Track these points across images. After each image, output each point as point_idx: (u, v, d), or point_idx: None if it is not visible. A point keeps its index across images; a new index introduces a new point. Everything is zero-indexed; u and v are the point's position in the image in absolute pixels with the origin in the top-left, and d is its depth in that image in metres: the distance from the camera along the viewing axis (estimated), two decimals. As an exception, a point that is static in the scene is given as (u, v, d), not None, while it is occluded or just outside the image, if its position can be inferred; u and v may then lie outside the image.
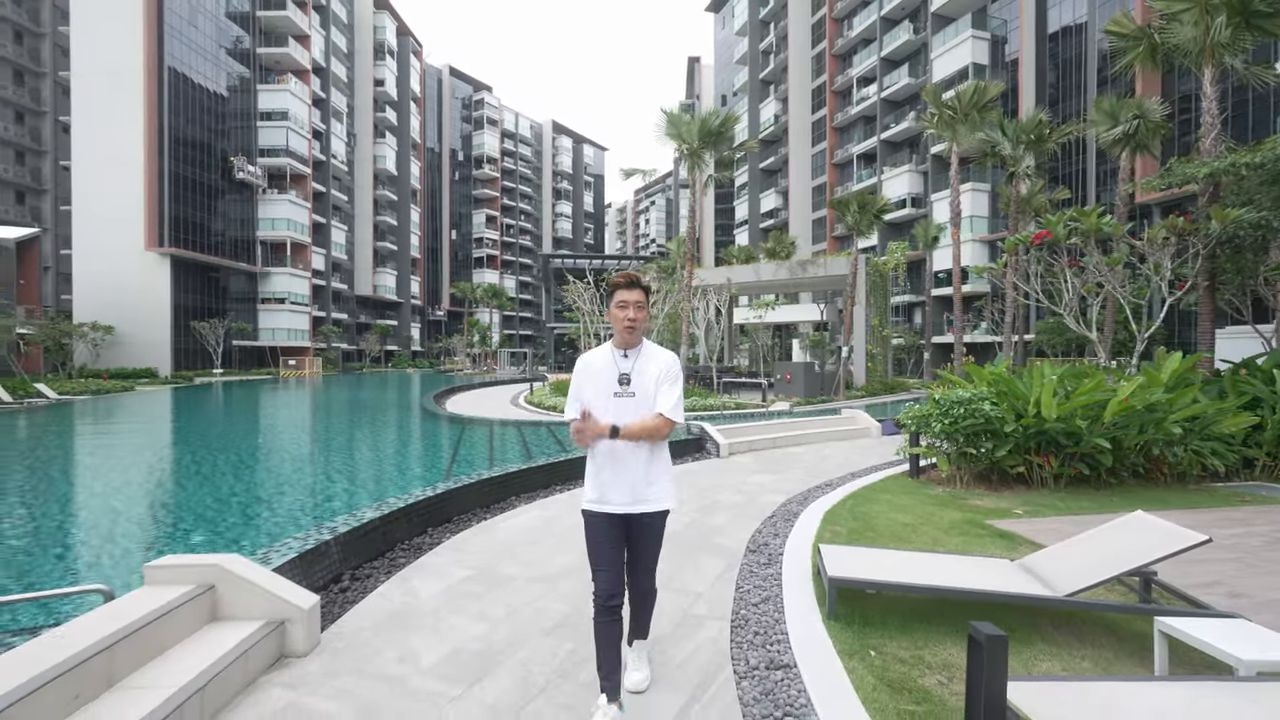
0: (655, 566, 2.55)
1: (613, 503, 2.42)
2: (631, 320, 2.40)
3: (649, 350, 2.49)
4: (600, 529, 2.45)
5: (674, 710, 2.50)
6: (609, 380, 2.43)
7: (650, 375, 2.42)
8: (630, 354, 2.46)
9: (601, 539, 2.44)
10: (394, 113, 70.83)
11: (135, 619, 2.48)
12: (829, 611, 3.34)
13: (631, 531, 2.48)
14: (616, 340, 2.50)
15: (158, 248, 40.93)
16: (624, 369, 2.44)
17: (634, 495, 2.41)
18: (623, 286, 2.43)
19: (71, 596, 3.13)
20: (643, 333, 2.47)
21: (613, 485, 2.42)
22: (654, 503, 2.44)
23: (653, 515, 2.45)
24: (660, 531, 2.51)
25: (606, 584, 2.40)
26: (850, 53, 47.98)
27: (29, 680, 2.00)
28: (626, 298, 2.41)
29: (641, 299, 2.43)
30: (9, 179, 48.09)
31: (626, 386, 2.41)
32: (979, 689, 2.03)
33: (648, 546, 2.50)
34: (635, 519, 2.45)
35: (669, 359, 2.48)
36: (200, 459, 9.87)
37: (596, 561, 2.43)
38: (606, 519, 2.43)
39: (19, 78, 49.26)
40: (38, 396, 22.37)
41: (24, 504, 6.67)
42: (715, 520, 5.45)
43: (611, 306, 2.45)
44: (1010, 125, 16.56)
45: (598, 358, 2.52)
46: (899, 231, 40.94)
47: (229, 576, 2.93)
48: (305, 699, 2.58)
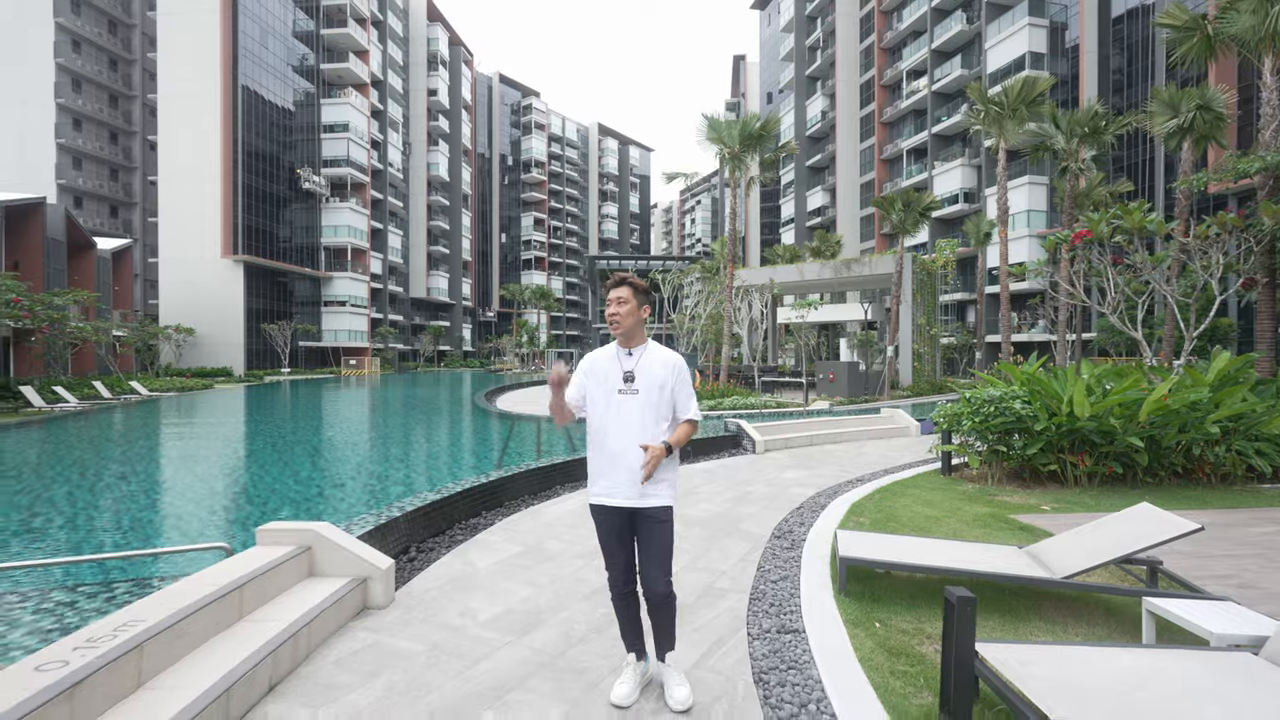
0: (669, 565, 2.50)
1: (616, 496, 2.46)
2: (614, 315, 2.49)
3: (653, 349, 2.55)
4: (607, 523, 2.50)
5: (693, 660, 2.90)
6: (613, 377, 2.49)
7: (655, 375, 2.47)
8: (634, 352, 2.52)
9: (610, 533, 2.50)
10: (446, 121, 73.34)
11: (255, 569, 3.07)
12: (840, 588, 3.67)
13: (637, 527, 2.50)
14: (618, 337, 2.55)
15: (232, 255, 43.84)
16: (627, 367, 2.49)
17: (632, 489, 2.44)
18: (610, 286, 2.53)
19: (201, 551, 3.75)
20: (635, 330, 2.52)
21: (613, 478, 2.46)
22: (654, 497, 2.45)
23: (654, 509, 2.45)
24: (666, 526, 2.49)
25: (620, 576, 2.53)
26: (900, 45, 46.91)
27: (193, 603, 2.60)
28: (611, 296, 2.50)
29: (625, 296, 2.49)
30: (105, 194, 52.44)
31: (630, 384, 2.47)
32: (951, 642, 2.35)
33: (655, 542, 2.47)
34: (638, 513, 2.47)
35: (676, 360, 2.53)
36: (280, 448, 10.87)
37: (608, 555, 2.53)
38: (611, 513, 2.48)
39: (114, 101, 53.63)
40: (131, 393, 24.50)
41: (141, 482, 7.64)
42: (745, 510, 5.80)
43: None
44: (1063, 118, 16.06)
45: (602, 356, 2.58)
46: (950, 228, 39.81)
47: (322, 540, 3.51)
48: (385, 639, 3.11)
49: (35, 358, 23.76)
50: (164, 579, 3.59)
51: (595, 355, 2.60)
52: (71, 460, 9.89)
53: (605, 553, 2.53)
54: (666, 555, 2.48)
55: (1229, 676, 2.32)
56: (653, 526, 2.46)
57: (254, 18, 45.27)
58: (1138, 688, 2.20)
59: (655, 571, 2.46)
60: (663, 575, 2.46)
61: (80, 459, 9.97)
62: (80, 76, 50.43)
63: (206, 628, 2.70)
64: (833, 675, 2.74)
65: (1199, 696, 2.16)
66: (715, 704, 2.53)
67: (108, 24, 53.19)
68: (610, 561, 2.53)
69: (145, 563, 4.19)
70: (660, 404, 2.47)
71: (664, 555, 2.47)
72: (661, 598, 2.47)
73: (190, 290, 43.58)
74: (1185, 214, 13.08)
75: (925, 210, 18.72)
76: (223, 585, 2.84)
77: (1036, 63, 34.31)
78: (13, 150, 48.16)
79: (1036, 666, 2.34)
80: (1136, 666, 2.38)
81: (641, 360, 2.50)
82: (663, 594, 2.46)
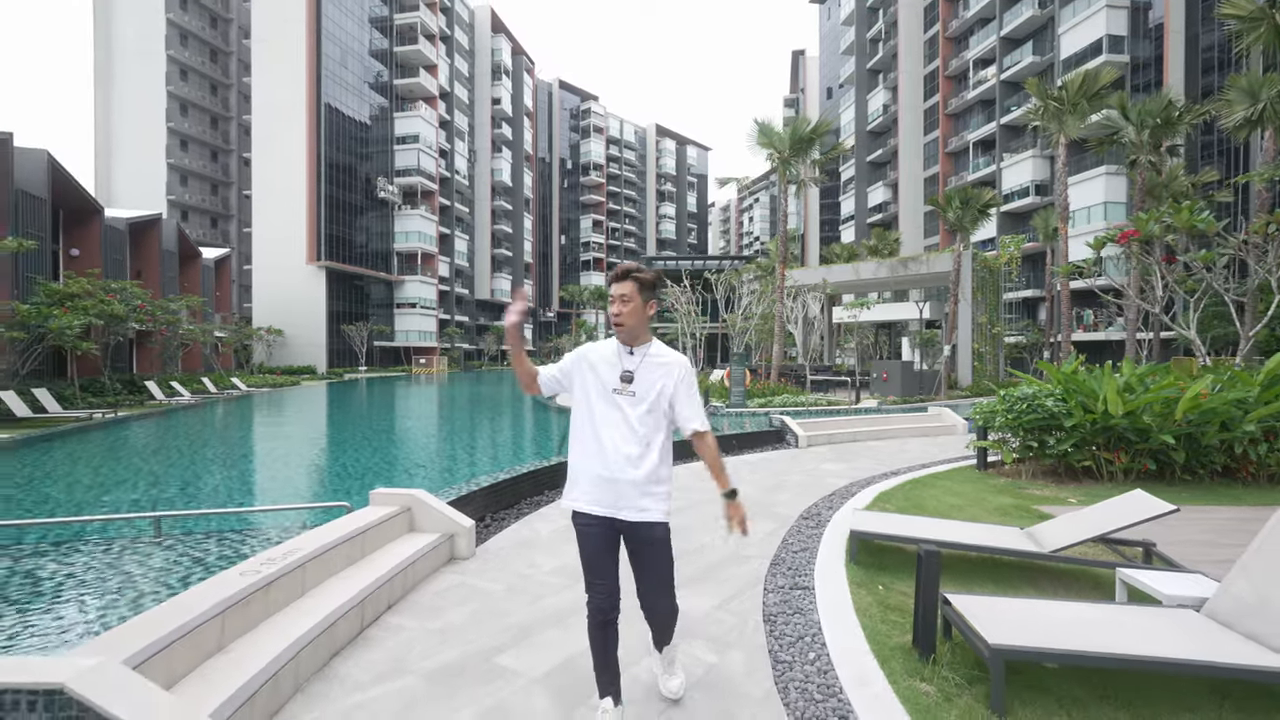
0: (671, 582, 2.30)
1: (598, 503, 2.20)
2: (616, 315, 2.23)
3: (657, 350, 2.28)
4: (591, 534, 2.22)
5: (714, 604, 3.54)
6: (610, 376, 2.24)
7: (655, 378, 2.22)
8: (636, 351, 2.26)
9: (595, 546, 2.22)
10: (509, 128, 76.06)
11: (372, 521, 3.93)
12: (851, 557, 4.21)
13: (630, 543, 2.25)
14: (620, 335, 2.30)
15: (315, 261, 47.32)
16: (628, 366, 2.24)
17: (620, 499, 2.19)
18: (612, 280, 2.26)
19: (328, 509, 4.68)
20: (639, 328, 2.27)
21: (597, 484, 2.21)
22: (646, 510, 2.19)
23: (648, 525, 2.20)
24: (665, 547, 2.25)
25: (602, 598, 2.21)
26: (966, 34, 45.27)
27: (333, 541, 3.46)
28: (614, 291, 2.24)
29: (628, 293, 2.22)
30: (206, 208, 57.63)
31: (628, 385, 2.22)
32: (920, 588, 2.90)
33: (655, 566, 2.24)
34: (631, 531, 2.21)
35: (680, 362, 2.27)
36: (367, 434, 12.24)
37: (592, 572, 2.23)
38: (596, 522, 2.22)
39: (214, 123, 58.84)
40: (233, 389, 27.16)
41: (260, 459, 8.95)
42: (779, 496, 6.34)
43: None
44: (1133, 108, 15.46)
45: (599, 351, 2.32)
46: (1020, 222, 38.20)
47: (419, 503, 4.36)
48: (470, 580, 3.91)
49: (154, 357, 26.73)
50: (304, 526, 4.51)
51: (589, 349, 2.34)
52: (201, 442, 11.61)
53: (588, 570, 2.24)
54: (670, 577, 2.28)
55: (1157, 620, 2.76)
56: (645, 549, 2.23)
57: (335, 40, 48.64)
58: (1068, 625, 2.68)
59: (655, 595, 2.29)
60: (664, 596, 2.29)
61: (207, 441, 11.65)
62: (187, 102, 55.65)
63: (342, 561, 3.57)
64: (830, 618, 3.32)
65: (1118, 630, 2.62)
66: (729, 634, 3.17)
67: (210, 53, 58.36)
68: (593, 580, 2.22)
69: (283, 515, 5.28)
70: (658, 409, 2.23)
71: (667, 578, 2.28)
72: (667, 616, 2.35)
73: (279, 295, 47.36)
74: (1266, 207, 12.49)
75: (984, 207, 18.37)
76: (351, 531, 3.71)
77: (1115, 46, 32.52)
78: (133, 170, 53.76)
79: (992, 610, 2.84)
80: (1080, 616, 2.85)
81: (643, 361, 2.25)
82: (668, 613, 2.34)
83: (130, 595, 3.47)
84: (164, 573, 3.83)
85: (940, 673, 2.72)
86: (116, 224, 25.26)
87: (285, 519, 5.33)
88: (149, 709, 1.88)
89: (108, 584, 3.67)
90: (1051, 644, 2.51)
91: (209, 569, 3.82)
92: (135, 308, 20.99)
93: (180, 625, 2.37)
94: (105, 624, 2.98)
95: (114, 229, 24.94)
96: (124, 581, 3.70)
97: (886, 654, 2.91)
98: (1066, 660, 2.50)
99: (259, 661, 2.46)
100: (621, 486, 2.18)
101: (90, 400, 17.94)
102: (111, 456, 9.83)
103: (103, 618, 3.17)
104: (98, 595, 3.49)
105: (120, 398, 19.32)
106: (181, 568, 3.93)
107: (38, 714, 1.80)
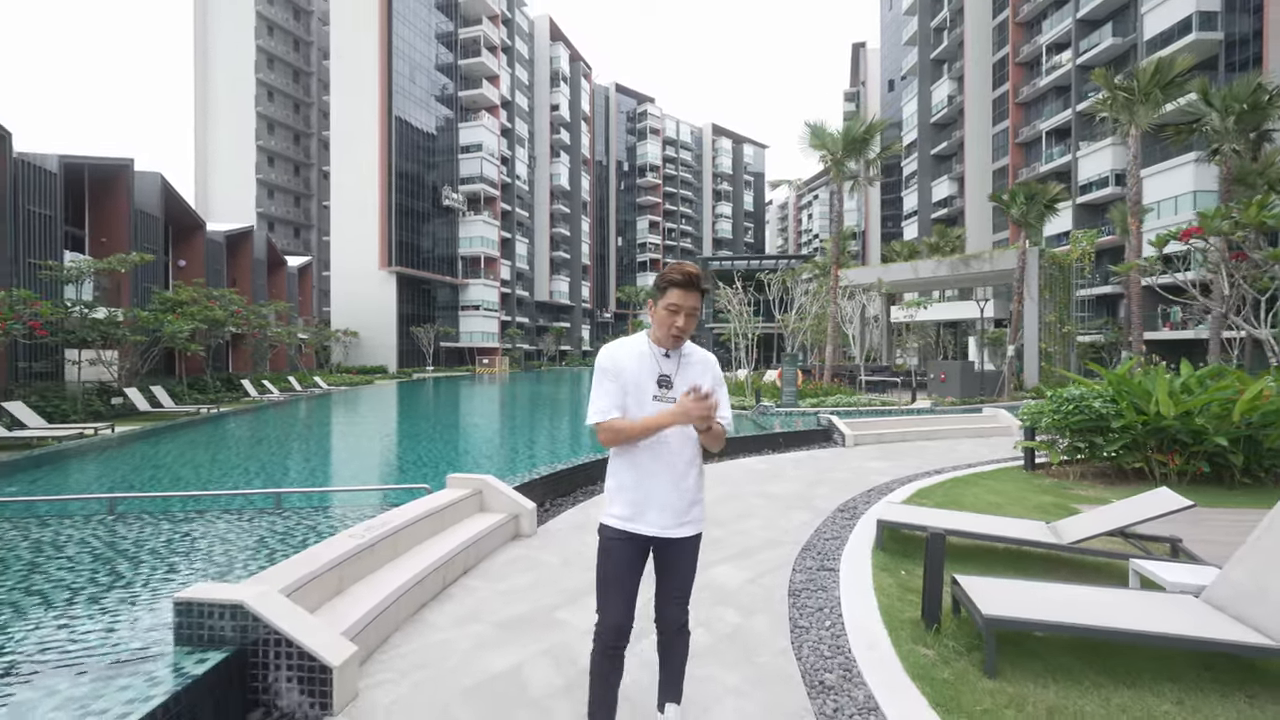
0: (689, 596, 2.20)
1: (649, 523, 2.07)
2: (681, 330, 2.06)
3: (687, 349, 2.18)
4: (624, 554, 2.08)
5: (746, 579, 3.96)
6: (646, 381, 2.08)
7: (693, 379, 2.09)
8: (671, 354, 2.13)
9: (623, 567, 2.08)
10: (567, 133, 77.82)
11: (448, 501, 4.57)
12: (877, 544, 4.53)
13: (662, 558, 2.15)
14: (657, 337, 2.13)
15: (387, 267, 50.10)
16: (666, 370, 2.10)
17: (677, 516, 2.08)
18: (679, 285, 2.02)
19: (410, 490, 5.39)
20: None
21: (655, 502, 2.06)
22: (694, 524, 2.14)
23: (689, 539, 2.14)
24: (695, 556, 2.19)
25: (618, 618, 2.07)
26: (1039, 17, 43.10)
27: (418, 515, 4.12)
28: (681, 302, 2.02)
29: (698, 305, 2.05)
30: (290, 219, 62.00)
31: (668, 390, 2.08)
32: (927, 566, 3.24)
33: (682, 572, 2.16)
34: (671, 544, 2.11)
35: (712, 360, 2.20)
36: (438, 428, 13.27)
37: (610, 592, 2.09)
38: (635, 542, 2.08)
39: (296, 139, 63.22)
40: (315, 387, 29.31)
41: (346, 448, 9.98)
42: (819, 490, 6.65)
43: (660, 305, 2.07)
44: (1217, 93, 14.58)
45: (628, 354, 2.12)
46: (1098, 214, 36.11)
47: (488, 486, 4.98)
48: (533, 554, 4.48)
49: (246, 357, 29.23)
50: (391, 504, 5.24)
51: (617, 352, 2.12)
52: (295, 434, 12.97)
53: (608, 589, 2.10)
54: (689, 583, 2.20)
55: (1153, 603, 2.99)
56: (680, 558, 2.14)
57: (405, 57, 51.34)
58: (1065, 604, 2.96)
59: (675, 605, 2.17)
60: (684, 607, 2.18)
61: (300, 434, 13.01)
62: (273, 121, 60.07)
63: (426, 532, 4.21)
64: (849, 594, 3.68)
65: (1113, 610, 2.88)
66: (756, 602, 3.59)
67: (293, 74, 62.74)
68: (612, 600, 2.08)
69: (375, 495, 6.12)
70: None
71: (689, 586, 2.19)
72: (679, 627, 2.19)
73: (354, 298, 50.43)
74: (1366, 196, 11.60)
75: (1051, 202, 17.70)
76: (431, 508, 4.35)
77: (1207, 23, 30.29)
78: (228, 185, 58.59)
79: (994, 589, 3.15)
80: (1078, 597, 3.11)
81: (681, 362, 2.13)
82: (680, 623, 2.19)
83: (265, 551, 4.24)
84: (288, 536, 4.63)
85: (943, 641, 3.06)
86: (216, 236, 27.80)
87: (375, 498, 6.16)
88: (300, 622, 2.52)
89: (247, 541, 4.49)
90: (1042, 617, 2.81)
91: (321, 534, 4.57)
92: (233, 313, 23.11)
93: (311, 571, 3.02)
94: (250, 571, 3.72)
95: (214, 241, 27.47)
96: (259, 540, 4.50)
97: (896, 625, 3.26)
98: (1052, 630, 2.80)
99: (370, 602, 3.09)
100: (669, 500, 2.06)
101: (196, 397, 19.96)
102: (223, 445, 11.17)
103: (248, 565, 3.94)
104: (240, 550, 4.29)
105: (220, 395, 21.38)
106: (300, 532, 4.72)
107: (226, 621, 2.46)
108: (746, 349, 18.89)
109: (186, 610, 2.48)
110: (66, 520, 5.17)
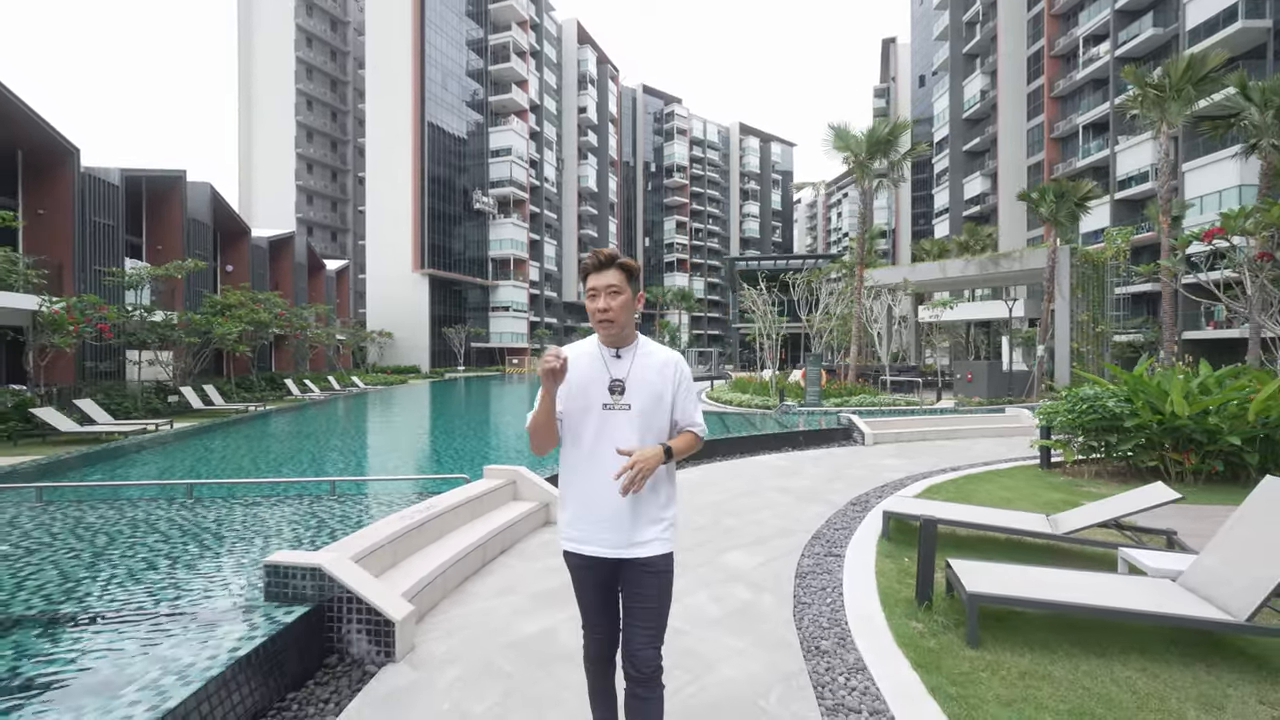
0: (662, 629, 1.88)
1: (601, 542, 1.84)
2: (603, 311, 1.84)
3: (646, 348, 1.94)
4: (587, 581, 1.91)
5: (758, 563, 4.30)
6: (596, 387, 1.87)
7: (651, 383, 1.88)
8: (624, 353, 1.91)
9: (592, 593, 1.92)
10: (594, 135, 78.56)
11: (485, 489, 5.02)
12: (884, 534, 4.82)
13: (624, 583, 1.88)
14: (602, 336, 1.92)
15: (419, 269, 51.45)
16: (617, 374, 1.88)
17: (625, 534, 1.83)
18: (591, 268, 1.87)
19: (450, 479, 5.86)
20: (627, 326, 1.90)
21: (598, 517, 1.84)
22: (646, 545, 1.84)
23: (650, 560, 1.84)
24: (665, 578, 1.87)
25: (600, 646, 1.97)
26: (1075, 9, 42.05)
27: (459, 501, 4.58)
28: (596, 283, 1.85)
29: (618, 284, 1.84)
30: (327, 224, 64.08)
31: (620, 395, 1.86)
32: (921, 548, 3.54)
33: (645, 596, 1.85)
34: (628, 565, 1.85)
35: (676, 360, 1.94)
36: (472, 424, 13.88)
37: (587, 617, 1.97)
38: (591, 565, 1.88)
39: (334, 146, 65.31)
40: (352, 386, 30.44)
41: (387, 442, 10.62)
42: (835, 485, 6.93)
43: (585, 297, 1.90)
44: (1256, 87, 14.27)
45: (579, 356, 1.91)
46: (1138, 209, 35.12)
47: (522, 476, 5.42)
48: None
49: (288, 358, 30.51)
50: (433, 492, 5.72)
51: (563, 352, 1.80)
52: (338, 430, 13.78)
53: (585, 613, 1.97)
54: (660, 615, 1.87)
55: (1131, 585, 3.25)
56: (643, 577, 1.85)
57: (436, 64, 52.66)
58: (1047, 586, 3.23)
59: (642, 637, 1.83)
60: (651, 641, 1.84)
61: (343, 430, 13.79)
62: (312, 129, 62.18)
63: (467, 516, 4.67)
64: (851, 577, 4.00)
65: (1091, 590, 3.15)
66: (766, 582, 3.94)
67: (330, 83, 64.82)
68: (592, 622, 1.96)
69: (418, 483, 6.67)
70: (658, 420, 1.90)
71: (657, 615, 1.86)
72: (649, 671, 1.82)
73: (388, 301, 51.94)
74: None
75: (1083, 200, 17.46)
76: (470, 495, 4.80)
77: (1254, 10, 29.23)
78: (269, 192, 60.91)
79: (982, 570, 3.44)
80: (1061, 580, 3.38)
81: (634, 364, 1.90)
82: (651, 666, 1.82)
83: (326, 530, 4.76)
84: (345, 518, 5.14)
85: (933, 617, 3.37)
86: (260, 242, 29.10)
87: (419, 486, 6.69)
88: (367, 584, 2.98)
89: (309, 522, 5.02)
90: (1021, 594, 3.10)
91: (374, 516, 5.07)
92: (276, 315, 24.23)
93: (373, 543, 3.49)
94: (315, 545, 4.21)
95: (258, 246, 28.77)
96: (319, 521, 5.03)
97: (891, 603, 3.58)
98: (1030, 606, 3.09)
99: (421, 572, 3.54)
100: (622, 519, 1.82)
101: (243, 395, 21.04)
102: (273, 440, 11.95)
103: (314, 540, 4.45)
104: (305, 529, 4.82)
105: (265, 393, 22.47)
106: (355, 515, 5.25)
107: (306, 581, 2.93)
108: (771, 349, 19.09)
109: (275, 572, 2.96)
110: (154, 503, 5.81)
